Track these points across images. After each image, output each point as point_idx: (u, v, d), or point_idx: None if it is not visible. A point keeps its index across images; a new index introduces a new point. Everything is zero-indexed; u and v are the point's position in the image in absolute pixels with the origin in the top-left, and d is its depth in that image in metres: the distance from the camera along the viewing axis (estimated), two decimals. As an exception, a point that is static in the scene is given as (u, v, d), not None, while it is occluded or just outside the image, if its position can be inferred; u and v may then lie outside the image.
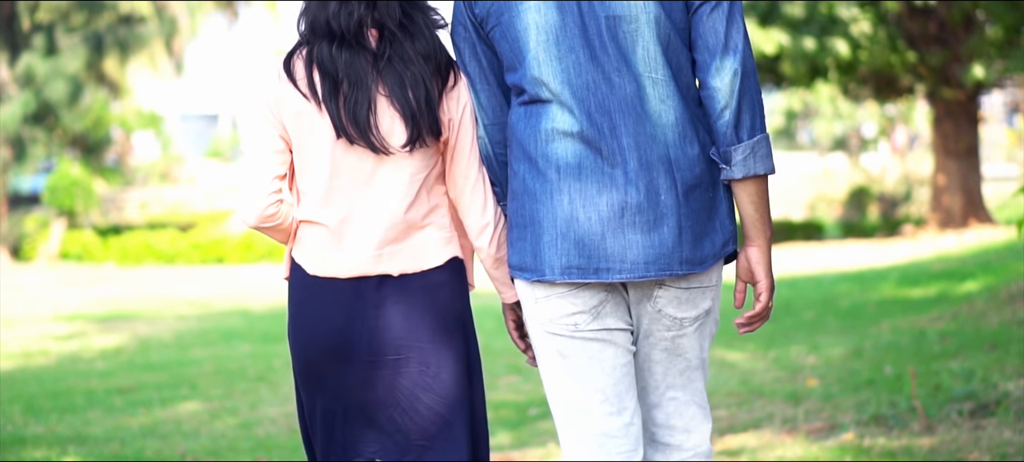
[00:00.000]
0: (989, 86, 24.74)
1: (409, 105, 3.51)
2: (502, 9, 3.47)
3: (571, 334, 3.51)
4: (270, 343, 12.68)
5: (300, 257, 3.66)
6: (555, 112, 3.44)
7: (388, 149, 3.53)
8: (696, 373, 3.66)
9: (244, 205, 3.65)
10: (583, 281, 3.45)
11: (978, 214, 24.70)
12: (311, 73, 3.52)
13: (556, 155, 3.43)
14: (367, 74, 3.51)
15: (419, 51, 3.53)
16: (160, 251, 29.54)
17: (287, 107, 3.56)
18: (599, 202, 3.40)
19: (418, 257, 3.62)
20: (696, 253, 3.46)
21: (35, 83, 28.69)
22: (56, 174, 31.18)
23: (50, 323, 16.06)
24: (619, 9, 3.40)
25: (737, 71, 3.41)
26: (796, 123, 50.68)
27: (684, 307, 3.54)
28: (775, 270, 3.71)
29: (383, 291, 3.60)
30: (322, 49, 3.52)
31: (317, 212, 3.61)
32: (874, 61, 23.09)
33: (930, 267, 16.83)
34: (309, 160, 3.59)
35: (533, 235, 3.47)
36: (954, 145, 24.82)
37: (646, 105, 3.41)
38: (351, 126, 3.51)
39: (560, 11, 3.43)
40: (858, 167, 37.89)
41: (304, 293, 3.65)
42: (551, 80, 3.43)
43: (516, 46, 3.46)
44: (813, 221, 31.29)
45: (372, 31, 3.53)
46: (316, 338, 3.64)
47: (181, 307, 17.93)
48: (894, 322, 11.32)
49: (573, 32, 3.42)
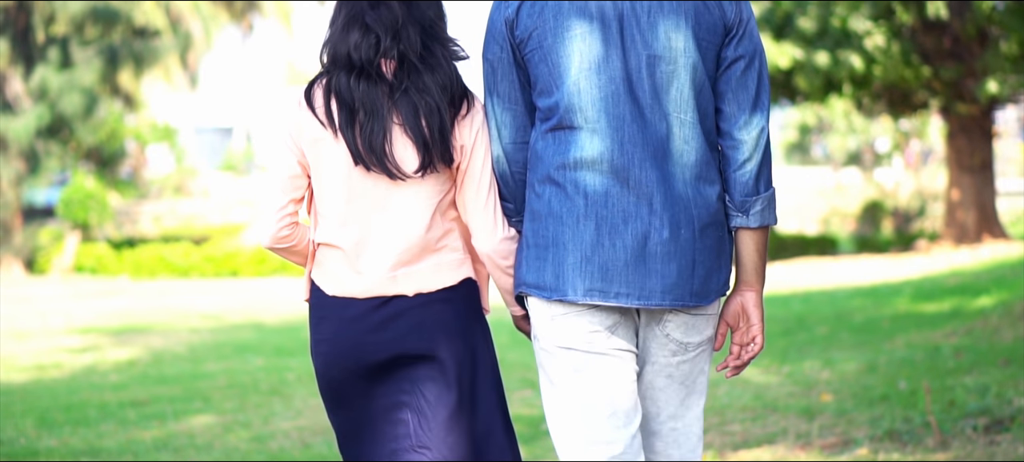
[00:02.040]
0: (1003, 101, 24.70)
1: (422, 133, 3.62)
2: (546, 33, 3.58)
3: (587, 350, 3.62)
4: (283, 356, 12.68)
5: (319, 278, 3.79)
6: (586, 140, 3.55)
7: (403, 174, 3.65)
8: (694, 399, 3.81)
9: (260, 227, 3.82)
10: (604, 303, 3.56)
11: (992, 229, 24.66)
12: (329, 102, 3.66)
13: (585, 182, 3.55)
14: (383, 104, 3.63)
15: (436, 83, 3.65)
16: (174, 264, 29.57)
17: (306, 134, 3.69)
18: (624, 231, 3.53)
19: (432, 278, 3.74)
20: (706, 287, 3.62)
21: (49, 96, 28.77)
22: (70, 187, 31.25)
23: (63, 336, 16.08)
24: (660, 50, 3.54)
25: (763, 128, 3.63)
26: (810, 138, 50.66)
27: (690, 333, 3.69)
28: (788, 285, 3.80)
29: (398, 310, 3.72)
30: (340, 79, 3.65)
31: (334, 235, 3.73)
32: (888, 76, 23.06)
33: (944, 282, 16.79)
34: (327, 185, 3.71)
35: (556, 257, 3.58)
36: (968, 160, 24.78)
37: (672, 143, 3.55)
38: (367, 153, 3.63)
39: (604, 43, 3.54)
40: (872, 182, 37.86)
41: (323, 313, 3.78)
42: (588, 108, 3.55)
43: (556, 71, 3.57)
44: (827, 236, 31.26)
45: (390, 62, 3.65)
46: (336, 356, 3.76)
47: (194, 320, 17.94)
48: (908, 337, 11.29)
49: (615, 65, 3.54)
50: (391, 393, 3.78)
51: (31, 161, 29.50)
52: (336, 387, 3.80)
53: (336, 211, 3.72)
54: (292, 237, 3.80)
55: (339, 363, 3.76)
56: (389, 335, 3.72)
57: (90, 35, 30.03)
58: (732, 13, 3.60)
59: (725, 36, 3.60)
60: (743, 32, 3.61)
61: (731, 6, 3.60)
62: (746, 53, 3.62)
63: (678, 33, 3.54)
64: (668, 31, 3.55)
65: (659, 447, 3.81)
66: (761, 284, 3.74)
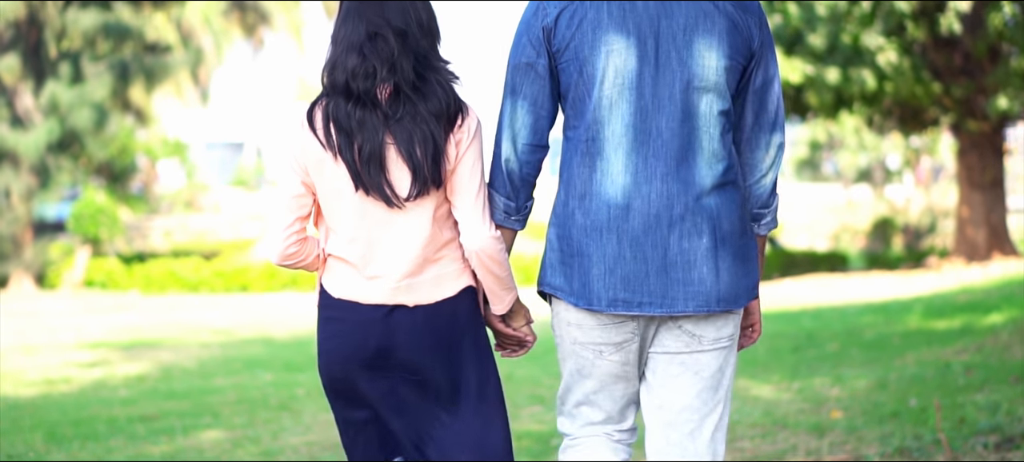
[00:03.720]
0: (1014, 118, 24.68)
1: (416, 160, 3.78)
2: (583, 45, 3.68)
3: (594, 358, 3.84)
4: (293, 372, 12.68)
5: (327, 283, 3.97)
6: (612, 153, 3.68)
7: (398, 200, 3.82)
8: (711, 396, 3.88)
9: (268, 245, 4.00)
10: (628, 314, 3.73)
11: (1003, 246, 24.63)
12: (328, 125, 3.81)
13: (609, 194, 3.68)
14: (379, 130, 3.78)
15: (431, 110, 3.79)
16: (184, 279, 29.59)
17: (309, 155, 3.84)
18: (645, 243, 3.67)
19: (434, 289, 3.90)
20: (732, 292, 3.75)
21: (60, 111, 28.81)
22: (81, 202, 31.29)
23: (73, 350, 16.09)
24: (694, 68, 3.66)
25: (781, 145, 3.85)
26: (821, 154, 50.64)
27: (702, 327, 3.80)
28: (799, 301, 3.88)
29: (402, 316, 3.89)
30: (338, 105, 3.80)
31: (342, 249, 3.91)
32: (899, 92, 23.05)
33: (955, 299, 16.76)
34: (332, 203, 3.88)
35: (582, 266, 3.73)
36: (979, 177, 24.76)
37: (699, 157, 3.68)
38: (366, 178, 3.80)
39: (640, 60, 3.66)
40: (882, 199, 37.85)
41: (329, 313, 3.96)
42: (617, 122, 3.67)
43: (590, 83, 3.69)
44: (837, 252, 31.24)
45: (385, 88, 3.79)
46: (338, 352, 3.94)
47: (204, 335, 17.95)
48: (919, 354, 11.27)
49: (646, 81, 3.66)
50: (393, 395, 3.94)
51: (42, 176, 29.53)
52: (339, 384, 3.98)
53: (343, 227, 3.89)
54: (300, 253, 3.96)
55: (341, 359, 3.93)
56: (389, 341, 3.89)
57: (101, 50, 30.08)
58: (758, 38, 3.75)
59: (750, 58, 3.75)
60: (766, 56, 3.78)
61: (757, 31, 3.75)
62: (770, 76, 3.80)
63: (711, 53, 3.66)
64: (702, 51, 3.67)
65: (674, 438, 3.89)
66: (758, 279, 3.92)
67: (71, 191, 34.55)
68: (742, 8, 3.73)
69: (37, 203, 30.34)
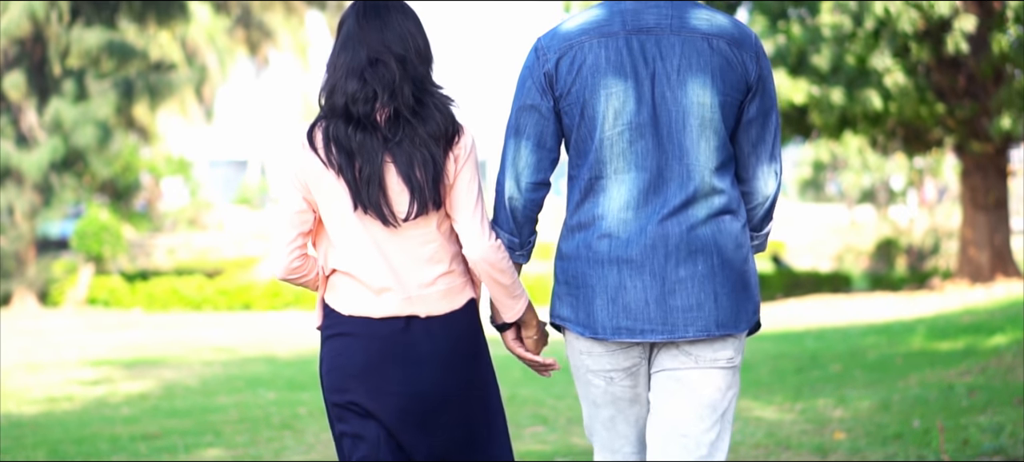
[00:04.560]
0: (1018, 139, 24.68)
1: (415, 182, 3.91)
2: (583, 88, 3.86)
3: (606, 385, 4.01)
4: (295, 390, 12.67)
5: (334, 302, 4.05)
6: (615, 189, 3.86)
7: (396, 221, 3.95)
8: (710, 415, 3.95)
9: (272, 260, 4.08)
10: (631, 341, 3.89)
11: (1006, 268, 24.61)
12: (329, 145, 3.92)
13: (611, 228, 3.86)
14: (378, 153, 3.91)
15: (430, 133, 3.92)
16: (187, 297, 29.59)
17: (310, 173, 3.96)
18: (644, 273, 3.83)
19: (441, 301, 4.02)
20: (730, 317, 3.88)
21: (64, 129, 28.83)
22: (85, 219, 31.30)
23: (76, 368, 16.09)
24: (689, 106, 3.83)
25: (777, 174, 3.99)
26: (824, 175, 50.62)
27: (700, 347, 3.91)
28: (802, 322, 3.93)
29: (412, 329, 4.00)
30: (338, 127, 3.92)
31: (348, 264, 4.00)
32: (903, 113, 23.06)
33: (958, 320, 16.75)
34: (336, 219, 3.98)
35: (586, 297, 3.91)
36: (983, 198, 24.75)
37: (699, 191, 3.84)
38: (364, 197, 3.92)
39: (637, 101, 3.83)
40: (886, 219, 37.86)
41: (339, 328, 4.03)
42: (618, 160, 3.85)
43: (591, 124, 3.87)
44: (840, 273, 31.24)
45: (384, 111, 3.92)
46: (351, 367, 4.02)
47: (207, 353, 17.95)
48: (922, 375, 11.26)
49: (646, 121, 3.83)
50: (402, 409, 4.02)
51: (46, 193, 29.52)
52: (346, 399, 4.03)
53: (348, 242, 3.98)
54: (303, 268, 4.07)
55: (352, 372, 4.01)
56: (401, 356, 3.99)
57: (105, 68, 30.11)
58: (754, 71, 3.88)
59: (747, 92, 3.89)
60: (763, 88, 3.91)
61: (753, 65, 3.88)
62: (765, 108, 3.93)
63: (705, 90, 3.82)
64: (696, 89, 3.83)
65: (672, 449, 3.97)
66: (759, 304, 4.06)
67: (75, 209, 34.56)
68: (736, 44, 3.87)
69: (41, 221, 30.34)
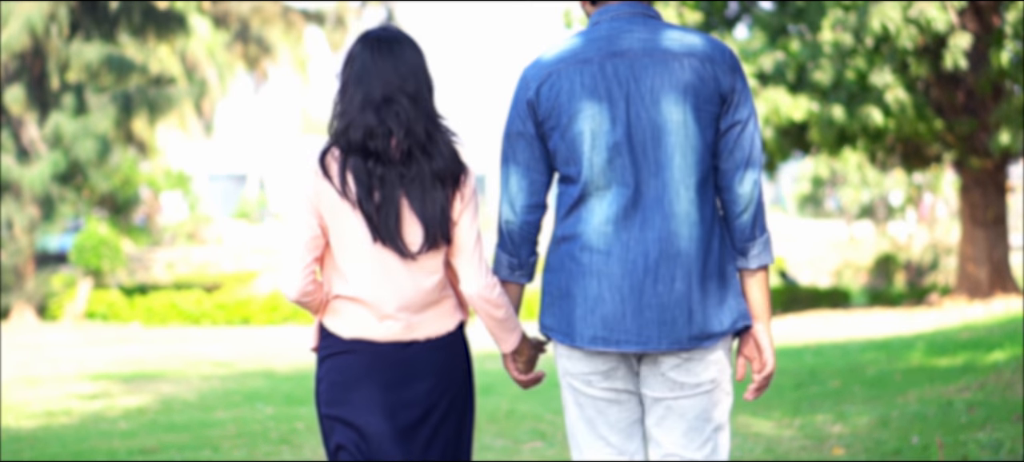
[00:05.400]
0: (1016, 155, 24.70)
1: (427, 217, 4.11)
2: (562, 113, 4.06)
3: (585, 388, 4.20)
4: (293, 405, 12.66)
5: (335, 326, 4.23)
6: (596, 204, 4.05)
7: (411, 253, 4.13)
8: (699, 435, 4.18)
9: (285, 284, 4.18)
10: (606, 350, 4.08)
11: (1005, 284, 24.61)
12: (345, 177, 4.08)
13: (592, 241, 4.06)
14: (396, 187, 4.09)
15: (437, 169, 4.11)
16: (186, 311, 29.57)
17: (325, 201, 4.11)
18: (623, 286, 4.02)
19: (437, 324, 4.23)
20: (704, 330, 4.06)
21: (64, 142, 28.83)
22: (84, 233, 31.29)
23: (74, 382, 16.08)
24: (662, 124, 4.01)
25: (756, 181, 4.11)
26: (823, 190, 50.65)
27: (686, 374, 4.12)
28: (800, 337, 3.97)
29: (411, 352, 4.20)
30: (356, 161, 4.07)
31: (354, 289, 4.17)
32: (902, 129, 23.07)
33: (957, 336, 16.74)
34: (346, 247, 4.15)
35: (567, 306, 4.11)
36: (982, 214, 24.76)
37: (675, 206, 4.02)
38: (383, 231, 4.10)
39: (612, 120, 4.02)
40: (885, 235, 37.87)
41: (340, 348, 4.21)
42: (599, 178, 4.03)
43: (572, 146, 4.06)
44: (839, 288, 31.23)
45: (398, 146, 4.09)
46: (350, 382, 4.18)
47: (205, 368, 17.93)
48: (921, 392, 11.25)
49: (622, 139, 4.02)
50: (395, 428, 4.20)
51: (45, 207, 29.51)
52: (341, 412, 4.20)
53: (356, 269, 4.15)
54: (315, 292, 4.19)
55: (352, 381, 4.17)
56: (401, 378, 4.18)
57: (105, 82, 30.12)
58: (727, 84, 4.06)
59: (722, 105, 4.06)
60: (738, 100, 4.08)
61: (727, 78, 4.06)
62: (741, 119, 4.08)
63: (678, 108, 4.01)
64: (669, 107, 4.02)
65: None
66: (768, 317, 4.21)
67: (74, 223, 34.55)
68: (708, 59, 4.05)
69: (40, 235, 30.33)
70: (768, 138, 23.77)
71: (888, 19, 20.53)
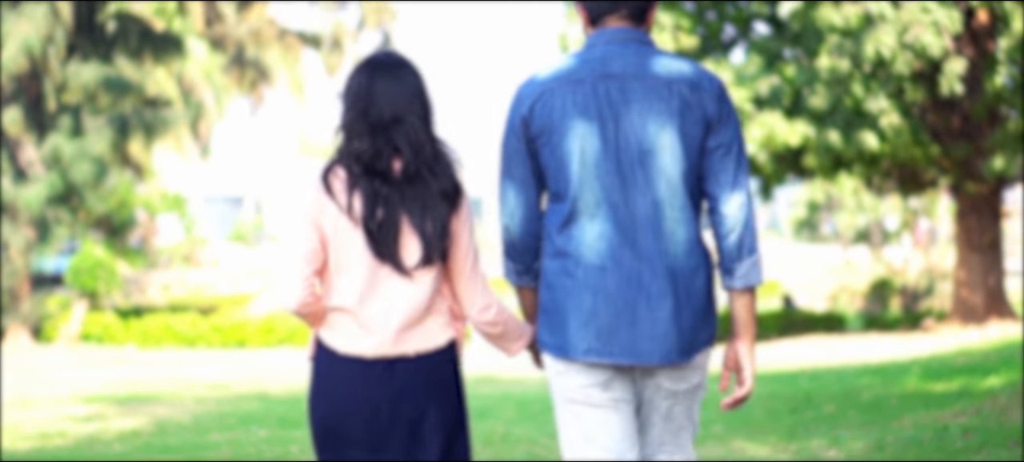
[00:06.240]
0: (1012, 180, 24.73)
1: (426, 234, 4.26)
2: (553, 131, 4.24)
3: (586, 401, 4.31)
4: (288, 428, 12.64)
5: (330, 339, 4.35)
6: (587, 222, 4.22)
7: (408, 270, 4.27)
8: (685, 432, 4.49)
9: (286, 295, 4.32)
10: (599, 362, 4.24)
11: (1000, 309, 24.62)
12: (351, 195, 4.22)
13: (585, 258, 4.22)
14: (397, 204, 4.24)
15: (440, 188, 4.26)
16: (181, 333, 29.54)
17: (326, 217, 4.26)
18: (617, 300, 4.19)
19: (427, 340, 4.34)
20: (691, 345, 4.27)
21: (61, 164, 28.83)
22: (79, 255, 31.27)
23: (68, 404, 16.05)
24: (649, 145, 4.19)
25: (743, 204, 4.27)
26: (819, 215, 50.70)
27: (678, 382, 4.36)
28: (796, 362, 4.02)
29: (400, 368, 4.31)
30: (360, 179, 4.22)
31: (349, 303, 4.30)
32: (898, 154, 23.10)
33: (952, 361, 16.73)
34: (344, 262, 4.29)
35: (561, 320, 4.27)
36: (977, 239, 24.78)
37: (663, 225, 4.20)
38: (383, 247, 4.24)
39: (602, 139, 4.19)
40: (880, 260, 37.85)
41: (332, 366, 4.34)
42: (589, 195, 4.20)
43: (562, 164, 4.23)
44: (835, 313, 31.23)
45: (400, 165, 4.25)
46: (341, 404, 4.31)
47: (200, 390, 17.90)
48: (916, 417, 11.24)
49: (610, 158, 4.19)
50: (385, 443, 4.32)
51: (41, 229, 29.49)
52: (334, 432, 4.34)
53: (351, 283, 4.29)
54: (314, 304, 4.32)
55: (342, 409, 4.31)
56: (390, 393, 4.30)
57: (102, 103, 30.13)
58: (713, 108, 4.24)
59: (707, 128, 4.24)
60: (723, 125, 4.26)
61: (713, 102, 4.24)
62: (726, 141, 4.26)
63: (664, 131, 4.19)
64: (656, 131, 4.20)
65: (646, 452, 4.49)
66: (751, 335, 4.38)
67: (69, 244, 34.52)
68: (696, 87, 4.23)
69: (35, 256, 30.30)
70: (763, 162, 23.80)
71: (883, 45, 20.58)
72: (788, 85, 22.90)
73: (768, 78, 23.15)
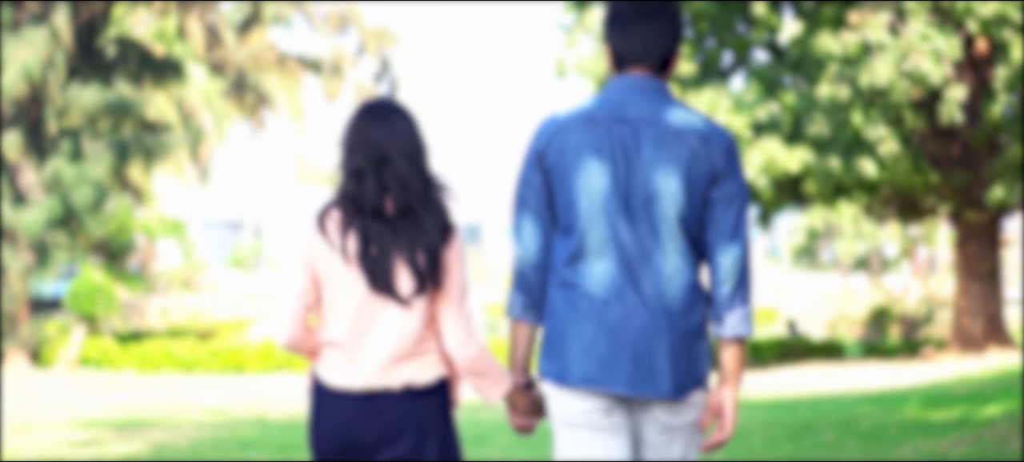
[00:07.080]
0: (1011, 208, 24.74)
1: (418, 265, 4.40)
2: (565, 168, 4.41)
3: (588, 425, 4.40)
4: (286, 453, 12.62)
5: (322, 372, 4.53)
6: (593, 257, 4.37)
7: (403, 300, 4.42)
8: None
9: (278, 331, 4.54)
10: (598, 390, 4.35)
11: (999, 337, 24.61)
12: (345, 235, 4.41)
13: (589, 291, 4.37)
14: (389, 240, 4.40)
15: (432, 222, 4.42)
16: (179, 358, 29.50)
17: (320, 256, 4.45)
18: (617, 334, 4.33)
19: (416, 375, 4.47)
20: (686, 383, 4.39)
21: (61, 188, 28.81)
22: (78, 280, 31.24)
23: (66, 429, 16.02)
24: (655, 190, 4.34)
25: (739, 257, 4.40)
26: (818, 242, 50.69)
27: (674, 417, 4.44)
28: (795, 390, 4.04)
29: (387, 403, 4.46)
30: (353, 218, 4.41)
31: (340, 337, 4.47)
32: (898, 182, 23.11)
33: (952, 390, 16.72)
34: (336, 299, 4.47)
35: (563, 350, 4.39)
36: (977, 267, 24.78)
37: (665, 267, 4.35)
38: (379, 281, 4.40)
39: (613, 179, 4.36)
40: (879, 287, 37.82)
41: (323, 400, 4.53)
42: (595, 232, 4.36)
43: (572, 200, 4.40)
44: (834, 341, 31.19)
45: (393, 202, 4.40)
46: (328, 439, 4.49)
47: (198, 415, 17.88)
48: (916, 445, 11.22)
49: (618, 199, 4.35)
50: None
51: (40, 253, 29.46)
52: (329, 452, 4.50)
53: (342, 318, 4.46)
54: (306, 339, 4.52)
55: (333, 440, 4.48)
56: (377, 422, 4.44)
57: (103, 127, 30.12)
58: (721, 162, 4.38)
59: (713, 180, 4.37)
60: (728, 179, 4.39)
61: (721, 156, 4.38)
62: (729, 194, 4.39)
63: (671, 178, 4.33)
64: (663, 177, 4.34)
65: None
66: (736, 382, 4.46)
67: (68, 268, 34.48)
68: (705, 140, 4.38)
69: (34, 280, 30.26)
70: (763, 189, 23.80)
71: (878, 75, 20.59)
72: (788, 112, 22.91)
73: (767, 105, 23.16)
